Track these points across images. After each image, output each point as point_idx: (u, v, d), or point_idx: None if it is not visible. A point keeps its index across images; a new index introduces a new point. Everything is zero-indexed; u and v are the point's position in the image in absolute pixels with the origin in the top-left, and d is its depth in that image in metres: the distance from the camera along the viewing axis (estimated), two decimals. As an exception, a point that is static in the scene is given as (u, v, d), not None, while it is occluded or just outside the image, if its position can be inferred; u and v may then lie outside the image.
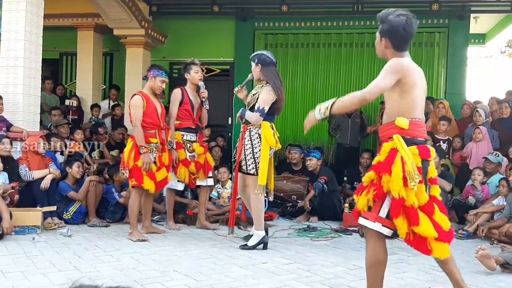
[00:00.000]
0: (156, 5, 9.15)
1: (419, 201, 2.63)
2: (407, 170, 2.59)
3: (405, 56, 2.79)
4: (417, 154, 2.65)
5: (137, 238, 4.80)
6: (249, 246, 4.56)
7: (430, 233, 2.63)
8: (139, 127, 4.86)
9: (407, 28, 2.73)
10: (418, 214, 2.62)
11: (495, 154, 6.16)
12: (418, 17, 9.48)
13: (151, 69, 5.12)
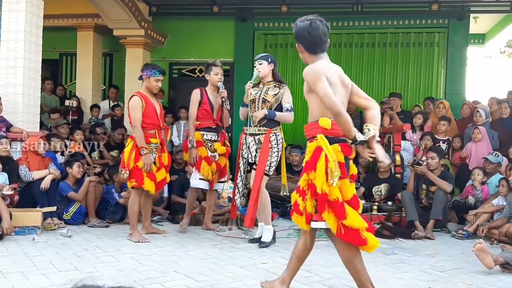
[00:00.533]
0: (156, 6, 9.15)
1: (345, 196, 2.74)
2: (329, 167, 2.70)
3: (321, 59, 2.91)
4: (339, 151, 2.77)
5: (137, 239, 4.78)
6: (268, 242, 4.71)
7: (360, 224, 2.72)
8: (139, 128, 4.83)
9: (312, 31, 2.84)
10: (345, 208, 2.72)
11: (495, 154, 6.16)
12: (418, 17, 9.51)
13: (144, 70, 5.07)
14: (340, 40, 9.06)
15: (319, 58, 2.92)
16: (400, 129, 6.77)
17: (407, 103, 8.54)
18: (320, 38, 2.88)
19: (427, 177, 5.87)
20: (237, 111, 4.85)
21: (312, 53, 2.93)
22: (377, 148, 2.74)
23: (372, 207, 6.03)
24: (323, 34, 2.89)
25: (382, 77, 8.94)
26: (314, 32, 2.86)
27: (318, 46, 2.90)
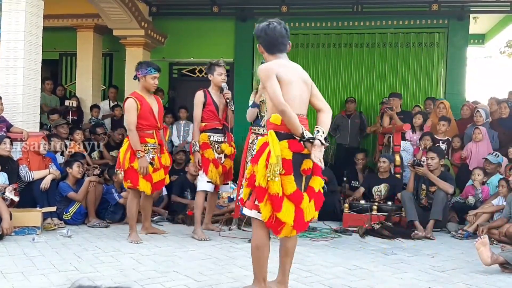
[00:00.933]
0: (156, 6, 9.15)
1: (285, 191, 2.86)
2: (270, 162, 2.81)
3: (279, 59, 3.04)
4: (287, 148, 2.86)
5: (131, 240, 4.74)
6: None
7: (288, 220, 2.89)
8: (133, 130, 4.75)
9: (269, 32, 3.00)
10: (282, 202, 2.86)
11: (495, 154, 6.16)
12: (418, 17, 9.50)
13: (139, 68, 4.95)
14: (340, 40, 9.07)
15: (277, 58, 3.05)
16: (400, 129, 6.78)
17: (407, 103, 8.54)
18: (276, 39, 3.01)
19: (427, 178, 5.86)
20: (237, 111, 4.83)
21: (270, 53, 3.07)
22: (314, 150, 2.81)
23: (372, 207, 6.03)
24: (280, 36, 3.01)
25: (382, 77, 8.94)
26: (271, 33, 3.00)
27: (275, 46, 3.04)
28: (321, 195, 3.08)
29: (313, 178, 3.03)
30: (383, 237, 5.35)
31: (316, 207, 3.05)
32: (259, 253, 2.99)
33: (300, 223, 2.95)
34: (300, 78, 3.01)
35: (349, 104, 8.52)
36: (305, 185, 2.99)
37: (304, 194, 2.95)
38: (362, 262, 4.22)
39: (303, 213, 2.94)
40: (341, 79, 9.09)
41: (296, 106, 2.93)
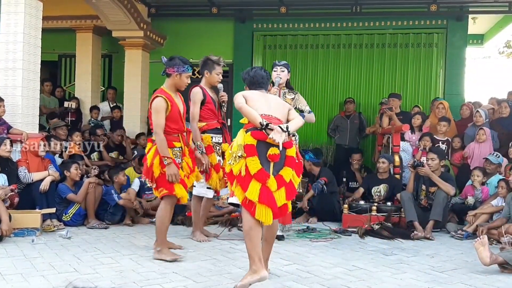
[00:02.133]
0: (155, 7, 9.15)
1: (251, 171, 3.24)
2: (232, 150, 3.37)
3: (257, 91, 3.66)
4: (249, 136, 3.31)
5: (171, 258, 4.09)
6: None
7: (253, 197, 3.23)
8: (161, 135, 4.17)
9: (252, 74, 3.70)
10: (248, 182, 3.26)
11: (496, 155, 6.16)
12: (417, 18, 9.51)
13: (174, 65, 4.35)
14: (339, 41, 9.08)
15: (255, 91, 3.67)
16: (399, 130, 6.78)
17: (406, 104, 8.55)
18: (257, 79, 3.67)
19: (427, 178, 5.86)
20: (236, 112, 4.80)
21: (251, 89, 3.69)
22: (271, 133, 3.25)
23: (371, 207, 6.03)
24: (261, 77, 3.68)
25: (381, 77, 8.95)
26: (253, 74, 3.69)
27: (254, 84, 3.68)
28: (292, 187, 3.39)
29: (285, 168, 3.36)
30: (382, 238, 5.35)
31: (288, 197, 3.36)
32: (251, 233, 3.25)
33: (269, 202, 3.24)
34: (272, 99, 3.62)
35: (348, 104, 8.53)
36: (274, 171, 3.32)
37: (272, 177, 3.28)
38: (361, 262, 4.22)
39: (273, 195, 3.26)
40: (340, 80, 9.10)
41: (265, 109, 3.44)
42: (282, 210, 3.38)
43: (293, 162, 3.40)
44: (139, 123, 8.81)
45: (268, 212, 3.24)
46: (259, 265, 3.21)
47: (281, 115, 3.51)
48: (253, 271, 3.20)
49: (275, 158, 3.30)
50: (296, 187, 3.45)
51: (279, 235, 5.05)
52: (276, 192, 3.29)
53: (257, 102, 3.48)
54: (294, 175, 3.40)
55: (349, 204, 6.19)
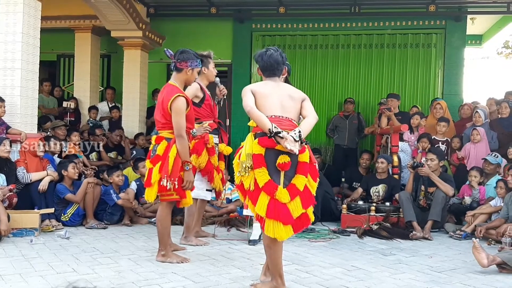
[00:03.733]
0: (154, 7, 9.15)
1: (259, 183, 3.06)
2: (240, 160, 3.15)
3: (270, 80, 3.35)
4: (256, 144, 3.11)
5: (178, 260, 4.02)
6: (257, 239, 4.77)
7: (260, 211, 3.07)
8: (185, 138, 3.97)
9: (265, 58, 3.32)
10: (258, 196, 3.07)
11: (494, 155, 6.17)
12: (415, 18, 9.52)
13: (188, 59, 4.04)
14: (338, 41, 9.08)
15: (268, 80, 3.37)
16: (398, 130, 6.79)
17: (405, 104, 8.56)
18: (271, 64, 3.32)
19: (426, 179, 5.87)
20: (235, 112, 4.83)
21: (265, 76, 3.39)
22: (283, 142, 3.00)
23: (370, 208, 6.03)
24: (275, 62, 3.32)
25: (379, 78, 8.95)
26: (266, 59, 3.33)
27: (266, 70, 3.35)
28: (309, 194, 3.17)
29: (296, 176, 3.14)
30: (381, 238, 5.35)
31: (304, 205, 3.13)
32: (269, 251, 3.15)
33: (279, 216, 3.04)
34: (284, 93, 3.27)
35: (348, 105, 8.53)
36: (286, 181, 3.11)
37: (284, 189, 3.08)
38: (360, 262, 4.23)
39: (285, 207, 3.05)
40: (339, 80, 9.10)
41: (277, 109, 3.19)
42: (303, 220, 3.16)
43: (306, 168, 3.16)
44: (137, 123, 8.81)
45: (278, 226, 3.03)
46: (280, 282, 3.16)
47: (294, 112, 3.26)
48: (273, 286, 3.19)
49: (285, 167, 3.08)
50: (313, 193, 3.22)
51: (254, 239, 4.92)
52: (291, 203, 3.07)
53: (268, 99, 3.21)
54: (310, 180, 3.19)
55: (348, 204, 6.19)
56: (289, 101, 3.25)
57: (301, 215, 3.13)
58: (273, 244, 3.11)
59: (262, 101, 3.19)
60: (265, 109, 3.17)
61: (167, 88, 4.05)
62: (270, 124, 3.05)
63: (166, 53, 4.12)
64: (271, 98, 3.21)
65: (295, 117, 3.26)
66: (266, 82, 3.34)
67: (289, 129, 3.08)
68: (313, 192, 3.22)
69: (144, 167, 6.26)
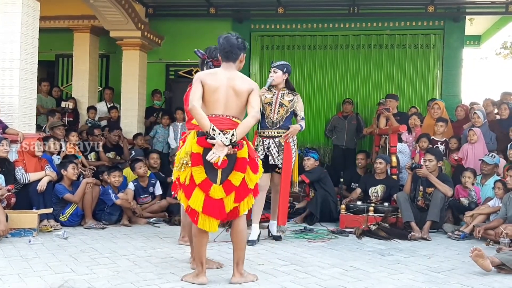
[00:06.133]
0: (153, 7, 9.15)
1: (196, 180, 3.27)
2: (179, 156, 3.37)
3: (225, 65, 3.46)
4: (195, 143, 3.30)
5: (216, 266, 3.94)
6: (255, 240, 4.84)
7: (196, 207, 3.28)
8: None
9: (223, 41, 3.42)
10: (193, 191, 3.28)
11: (491, 155, 6.17)
12: (414, 19, 9.51)
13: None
14: (337, 41, 9.09)
15: (224, 66, 3.48)
16: (396, 130, 6.79)
17: (403, 105, 8.57)
18: (223, 47, 3.41)
19: (424, 179, 5.87)
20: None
21: (222, 59, 3.48)
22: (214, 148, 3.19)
23: (368, 208, 6.03)
24: (229, 46, 3.40)
25: (378, 78, 8.96)
26: (221, 41, 3.44)
27: (221, 55, 3.45)
28: (244, 189, 3.35)
29: (233, 172, 3.32)
30: (379, 238, 5.36)
31: (237, 199, 3.33)
32: (195, 240, 3.43)
33: (214, 212, 3.28)
34: (229, 86, 3.36)
35: (346, 105, 8.54)
36: (222, 178, 3.30)
37: (218, 186, 3.28)
38: (358, 263, 4.23)
39: (220, 203, 3.28)
40: (338, 81, 9.11)
41: (220, 108, 3.35)
42: (231, 213, 3.39)
43: (244, 163, 3.34)
44: (136, 123, 8.80)
45: (212, 221, 3.30)
46: (201, 269, 3.41)
47: (237, 108, 3.38)
48: (195, 274, 3.44)
49: (221, 166, 3.25)
50: (251, 186, 3.39)
51: (276, 235, 5.11)
52: (226, 198, 3.30)
53: (214, 94, 3.34)
54: (248, 174, 3.36)
55: (346, 205, 6.19)
56: (233, 97, 3.37)
57: (233, 208, 3.37)
58: (201, 235, 3.38)
59: (207, 96, 3.35)
60: (208, 106, 3.35)
61: None
62: (208, 126, 3.22)
63: (197, 53, 4.20)
64: (217, 93, 3.35)
65: (238, 114, 3.40)
66: (217, 71, 3.46)
67: (228, 128, 3.27)
68: (251, 186, 3.39)
69: (140, 168, 6.29)
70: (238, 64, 3.51)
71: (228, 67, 3.45)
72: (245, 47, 3.50)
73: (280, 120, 5.00)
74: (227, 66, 3.46)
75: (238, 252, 3.49)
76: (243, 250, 3.50)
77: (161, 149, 8.09)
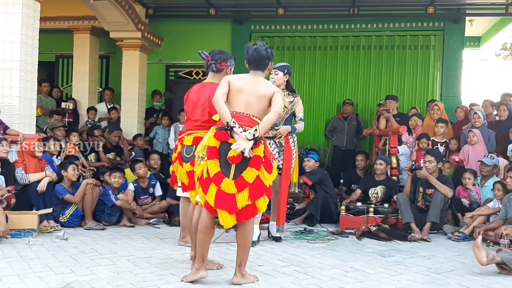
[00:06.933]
0: (153, 8, 9.15)
1: (210, 173, 3.30)
2: (197, 151, 3.42)
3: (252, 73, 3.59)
4: (212, 137, 3.36)
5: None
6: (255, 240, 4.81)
7: (210, 200, 3.32)
8: None
9: (250, 51, 3.57)
10: (209, 185, 3.32)
11: (490, 156, 6.17)
12: (414, 20, 9.51)
13: (227, 59, 4.08)
14: (337, 42, 9.09)
15: (252, 73, 3.60)
16: (397, 132, 6.79)
17: (403, 106, 8.58)
18: (253, 59, 3.56)
19: (424, 180, 5.87)
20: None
21: (250, 68, 3.61)
22: (237, 138, 3.25)
23: (368, 209, 6.03)
24: (258, 57, 3.55)
25: (378, 79, 8.96)
26: (250, 52, 3.57)
27: (250, 63, 3.59)
28: (260, 186, 3.34)
29: (248, 169, 3.31)
30: (379, 239, 5.36)
31: (252, 197, 3.31)
32: (201, 235, 3.43)
33: (225, 205, 3.28)
34: (253, 91, 3.45)
35: (346, 106, 8.54)
36: (236, 173, 3.31)
37: (231, 181, 3.29)
38: (359, 264, 4.23)
39: (231, 198, 3.28)
40: (338, 82, 9.11)
41: (240, 107, 3.43)
42: (248, 211, 3.36)
43: (259, 161, 3.34)
44: (136, 124, 8.80)
45: (225, 215, 3.29)
46: (201, 264, 3.43)
47: (257, 109, 3.44)
48: (195, 270, 3.45)
49: (235, 160, 3.29)
50: (266, 185, 3.37)
51: (276, 236, 5.11)
52: (238, 194, 3.29)
53: (237, 95, 3.44)
54: (263, 173, 3.35)
55: (346, 206, 6.19)
56: (255, 99, 3.45)
57: (247, 206, 3.32)
58: (207, 231, 3.42)
59: (231, 95, 3.45)
60: (230, 104, 3.45)
61: (210, 86, 4.00)
62: (229, 118, 3.31)
63: (201, 55, 4.19)
64: (240, 94, 3.44)
65: (259, 114, 3.45)
66: (244, 76, 3.56)
67: (248, 125, 3.33)
68: (266, 184, 3.38)
69: (140, 168, 6.29)
70: (266, 72, 3.66)
71: (255, 74, 3.58)
72: (273, 56, 3.65)
73: (281, 121, 5.02)
74: (254, 74, 3.58)
75: (243, 253, 3.47)
76: (247, 252, 3.49)
77: (161, 150, 8.09)
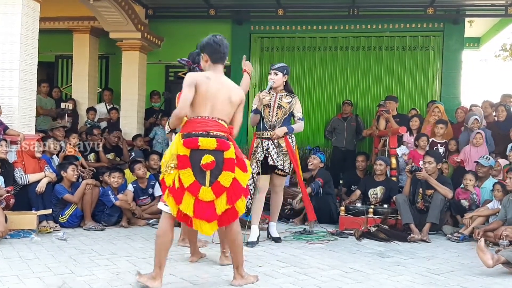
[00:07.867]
0: (152, 9, 9.16)
1: (184, 184, 3.16)
2: (165, 159, 3.27)
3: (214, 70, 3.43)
4: (181, 145, 3.21)
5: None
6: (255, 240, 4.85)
7: (188, 211, 3.17)
8: None
9: (217, 39, 3.49)
10: (183, 195, 3.17)
11: (486, 157, 6.18)
12: (413, 21, 9.53)
13: None
14: (336, 43, 9.11)
15: (215, 67, 3.44)
16: (396, 132, 6.79)
17: (403, 107, 8.58)
18: (221, 49, 3.45)
19: (424, 181, 5.87)
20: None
21: (213, 62, 3.44)
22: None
23: (368, 210, 6.03)
24: (225, 48, 3.48)
25: (378, 80, 8.98)
26: (217, 41, 3.48)
27: (216, 53, 3.43)
28: (237, 188, 3.28)
29: (223, 173, 3.25)
30: (379, 240, 5.36)
31: (230, 201, 3.25)
32: (158, 241, 3.27)
33: (205, 215, 3.18)
34: (225, 96, 3.35)
35: (346, 106, 8.54)
36: (212, 179, 3.22)
37: (208, 189, 3.19)
38: (358, 264, 4.23)
39: (210, 205, 3.19)
40: (337, 82, 9.12)
41: (208, 111, 3.29)
42: (229, 215, 3.29)
43: (232, 163, 3.27)
44: (136, 125, 8.81)
45: (204, 224, 3.21)
46: (158, 272, 3.26)
47: (226, 114, 3.36)
48: (152, 276, 3.26)
49: (209, 167, 3.19)
50: (243, 186, 3.31)
51: (275, 237, 5.11)
52: (217, 200, 3.21)
53: (204, 98, 3.27)
54: (239, 174, 3.29)
55: (346, 206, 6.19)
56: (226, 106, 3.36)
57: (226, 211, 3.26)
58: (165, 236, 3.26)
59: (199, 100, 3.28)
60: (194, 107, 3.29)
61: None
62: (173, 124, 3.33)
63: (181, 62, 4.23)
64: (209, 95, 3.29)
65: (226, 117, 3.37)
66: (210, 77, 3.35)
67: (216, 130, 3.25)
68: (243, 185, 3.32)
69: (140, 169, 6.28)
70: None
71: (218, 71, 3.43)
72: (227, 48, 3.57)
73: (279, 121, 5.02)
74: (217, 69, 3.43)
75: (237, 256, 3.45)
76: (241, 253, 3.47)
77: (160, 151, 8.08)
